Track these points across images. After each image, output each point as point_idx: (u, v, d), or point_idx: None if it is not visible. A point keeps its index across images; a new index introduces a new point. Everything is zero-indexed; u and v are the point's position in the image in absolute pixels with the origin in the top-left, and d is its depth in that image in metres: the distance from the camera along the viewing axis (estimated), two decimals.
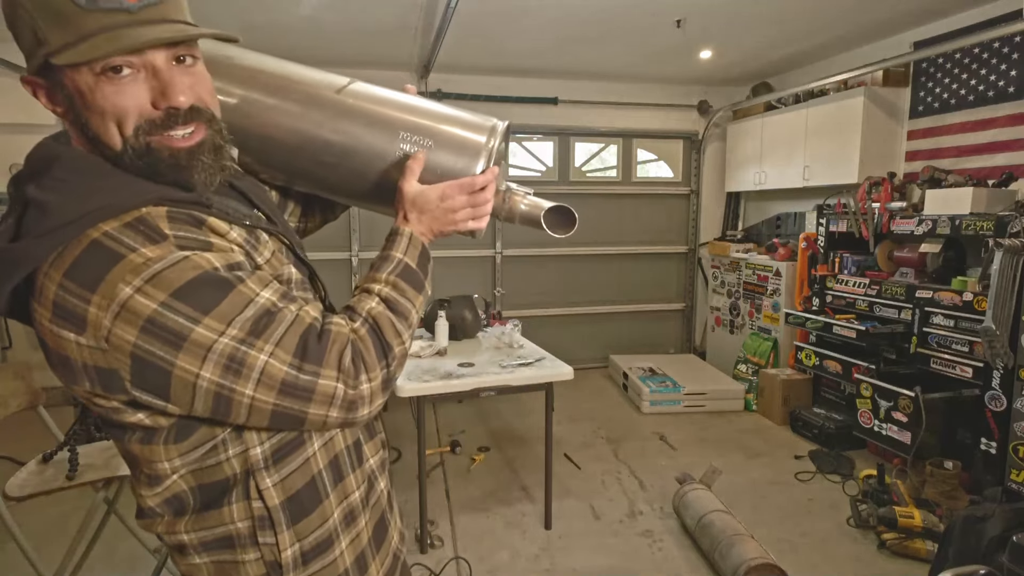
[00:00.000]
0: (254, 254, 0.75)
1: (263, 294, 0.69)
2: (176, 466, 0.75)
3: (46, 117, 4.37)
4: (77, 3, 0.61)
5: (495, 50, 4.27)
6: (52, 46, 0.63)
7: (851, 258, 3.84)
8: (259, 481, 0.76)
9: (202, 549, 0.79)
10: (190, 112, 0.69)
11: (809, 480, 3.23)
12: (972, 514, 2.18)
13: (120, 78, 0.64)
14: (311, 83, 0.91)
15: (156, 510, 0.78)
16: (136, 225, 0.65)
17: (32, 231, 0.64)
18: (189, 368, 0.65)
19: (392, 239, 0.86)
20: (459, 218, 0.89)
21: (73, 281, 0.63)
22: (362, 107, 0.90)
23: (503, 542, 2.64)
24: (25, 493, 1.87)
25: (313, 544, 0.80)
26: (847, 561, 2.50)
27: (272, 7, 3.39)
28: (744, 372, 4.58)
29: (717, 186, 5.64)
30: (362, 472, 0.88)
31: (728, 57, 4.49)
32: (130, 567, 2.39)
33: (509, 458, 3.52)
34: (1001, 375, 2.73)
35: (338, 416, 0.72)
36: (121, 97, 0.65)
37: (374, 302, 0.79)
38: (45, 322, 0.65)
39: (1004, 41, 3.26)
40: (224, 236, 0.71)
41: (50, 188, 0.66)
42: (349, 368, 0.71)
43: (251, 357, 0.66)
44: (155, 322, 0.63)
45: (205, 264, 0.66)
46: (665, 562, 2.50)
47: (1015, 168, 3.22)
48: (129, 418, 0.71)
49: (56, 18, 0.62)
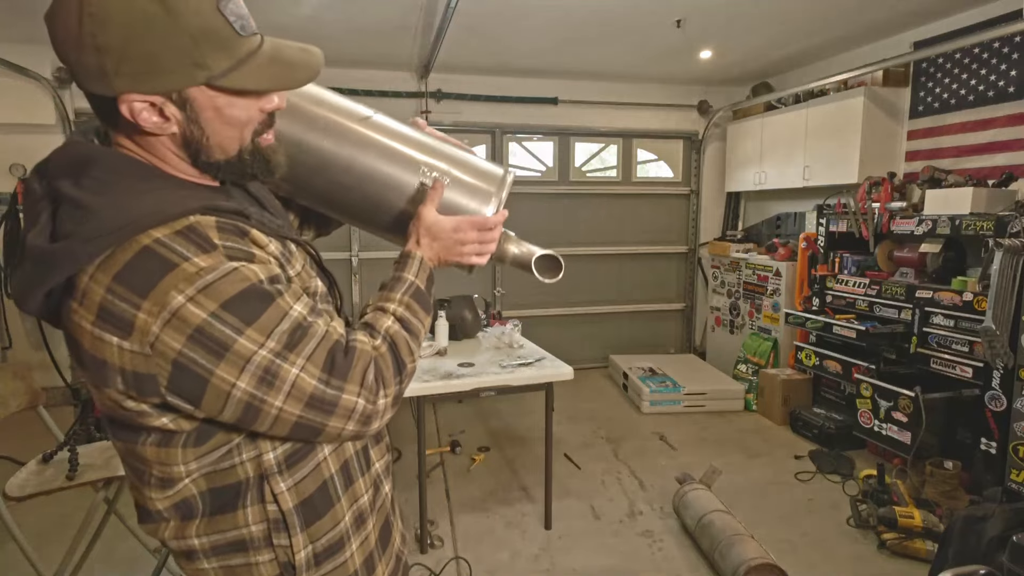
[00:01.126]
0: (287, 267, 0.77)
1: (296, 307, 0.72)
2: (191, 469, 0.76)
3: (46, 117, 4.36)
4: (236, 30, 0.67)
5: (495, 50, 4.27)
6: (215, 70, 0.67)
7: (851, 258, 3.84)
8: (273, 485, 0.78)
9: (212, 554, 0.80)
10: (273, 115, 0.77)
11: (809, 480, 3.23)
12: (972, 514, 2.18)
13: (255, 94, 0.72)
14: (339, 108, 0.95)
15: (164, 514, 0.79)
16: (187, 234, 0.66)
17: (76, 233, 0.64)
18: (227, 378, 0.67)
19: (404, 261, 0.91)
20: (466, 251, 0.95)
21: (123, 286, 0.64)
22: (386, 139, 0.96)
23: (503, 542, 2.64)
24: (25, 493, 1.87)
25: (326, 546, 0.82)
26: (847, 561, 2.50)
27: (272, 7, 3.39)
28: (744, 372, 4.58)
29: (717, 186, 5.64)
30: (369, 476, 0.91)
31: (728, 57, 4.49)
32: (130, 567, 2.39)
33: (509, 458, 3.52)
34: (1001, 375, 2.73)
35: (353, 429, 0.75)
36: (250, 108, 0.73)
37: (390, 321, 0.83)
38: (86, 324, 0.65)
39: (1004, 41, 3.26)
40: (264, 248, 0.74)
41: (90, 188, 0.67)
42: (372, 384, 0.75)
43: (284, 370, 0.69)
44: (203, 331, 0.65)
45: (252, 276, 0.68)
46: (665, 562, 2.51)
47: (1015, 168, 3.22)
48: (154, 422, 0.72)
49: (221, 44, 0.67)
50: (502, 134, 5.20)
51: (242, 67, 0.68)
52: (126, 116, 0.67)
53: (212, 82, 0.68)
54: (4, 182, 4.19)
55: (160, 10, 0.63)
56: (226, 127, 0.72)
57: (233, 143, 0.74)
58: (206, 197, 0.72)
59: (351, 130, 0.93)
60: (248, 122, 0.73)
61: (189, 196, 0.71)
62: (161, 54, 0.65)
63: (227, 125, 0.72)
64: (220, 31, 0.66)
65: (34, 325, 4.27)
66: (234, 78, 0.68)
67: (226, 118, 0.71)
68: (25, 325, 4.38)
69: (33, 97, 4.18)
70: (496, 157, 5.20)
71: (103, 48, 0.63)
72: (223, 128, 0.72)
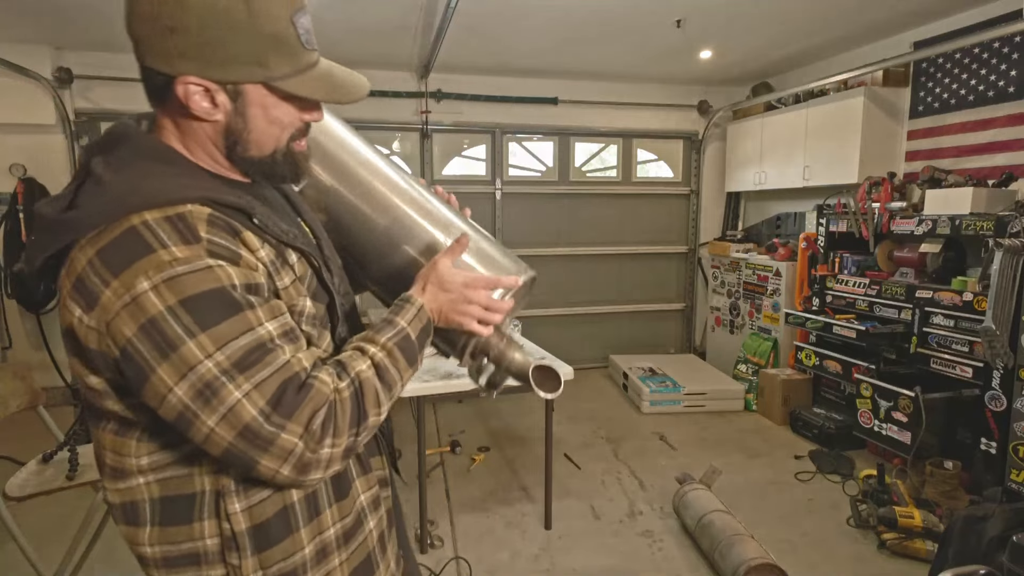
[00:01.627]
0: (275, 278, 0.75)
1: (267, 325, 0.69)
2: (143, 466, 0.74)
3: (46, 117, 4.36)
4: (301, 42, 0.73)
5: (495, 50, 4.27)
6: (275, 72, 0.72)
7: (851, 258, 3.84)
8: (228, 504, 0.75)
9: (163, 565, 0.77)
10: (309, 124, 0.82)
11: (809, 480, 3.23)
12: (972, 514, 2.18)
13: (302, 102, 0.77)
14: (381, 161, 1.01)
15: (116, 510, 0.78)
16: (175, 221, 0.66)
17: (84, 205, 0.68)
18: (166, 380, 0.65)
19: (402, 306, 0.85)
20: (471, 311, 0.88)
21: (102, 261, 0.65)
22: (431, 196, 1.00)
23: (503, 542, 2.64)
24: (25, 493, 1.87)
25: (277, 574, 0.78)
26: (847, 561, 2.50)
27: None
28: (744, 372, 4.58)
29: (717, 186, 5.64)
30: (343, 508, 0.85)
31: (728, 57, 4.49)
32: (130, 567, 2.38)
33: (509, 458, 3.52)
34: (1001, 375, 2.73)
35: (288, 475, 0.69)
36: (291, 113, 0.77)
37: (365, 365, 0.77)
38: (65, 292, 0.67)
39: (1004, 41, 3.26)
40: (254, 252, 0.72)
41: (111, 166, 0.70)
42: (316, 430, 0.69)
43: (226, 391, 0.65)
44: (156, 324, 0.64)
45: (225, 279, 0.67)
46: (665, 562, 2.50)
47: (1015, 168, 3.22)
48: (111, 405, 0.72)
49: (286, 51, 0.72)
50: (502, 134, 5.20)
51: (298, 76, 0.74)
52: (179, 97, 0.70)
53: (269, 82, 0.73)
54: (4, 182, 4.19)
55: (243, 8, 0.68)
56: (269, 126, 0.76)
57: (270, 142, 0.77)
58: (211, 188, 0.72)
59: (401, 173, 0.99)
60: (288, 126, 0.78)
61: (195, 185, 0.71)
62: (231, 47, 0.69)
63: (270, 124, 0.76)
64: (288, 39, 0.72)
65: (34, 325, 4.27)
66: (289, 84, 0.73)
67: (271, 118, 0.76)
68: (25, 325, 4.38)
69: (33, 97, 4.18)
70: (496, 157, 5.20)
71: (177, 28, 0.67)
72: (266, 126, 0.76)
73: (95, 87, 4.35)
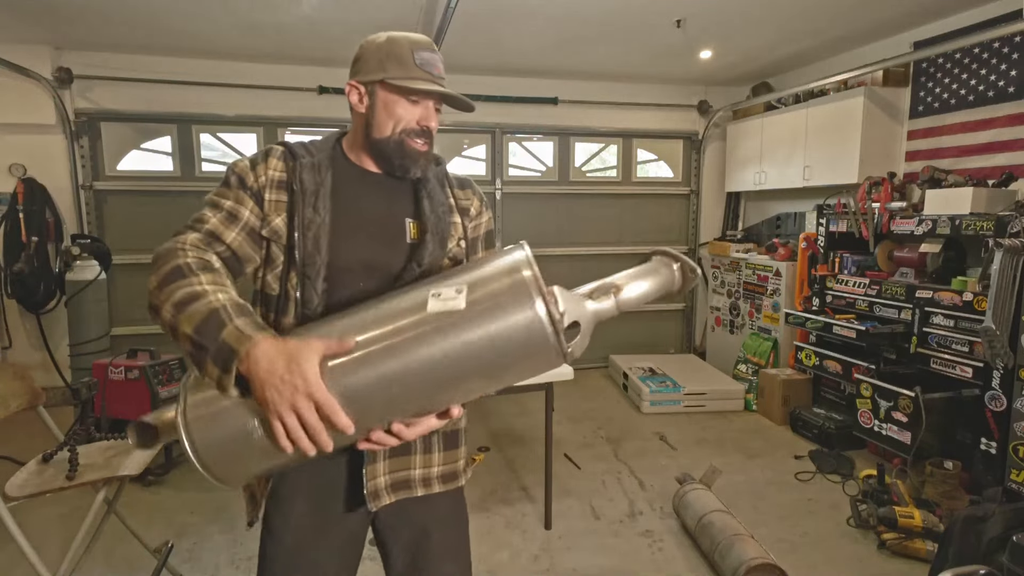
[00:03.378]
0: (267, 189, 1.08)
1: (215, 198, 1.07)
2: None
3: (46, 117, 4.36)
4: (415, 62, 1.07)
5: (495, 50, 4.27)
6: (390, 74, 1.07)
7: (851, 258, 3.84)
8: None
9: None
10: (430, 133, 1.12)
11: (809, 480, 3.23)
12: (972, 514, 2.18)
13: (410, 103, 1.09)
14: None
15: None
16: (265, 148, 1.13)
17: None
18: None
19: (248, 332, 0.84)
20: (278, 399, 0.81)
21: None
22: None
23: (503, 542, 2.64)
24: (25, 493, 1.87)
25: None
26: (847, 561, 2.50)
27: (272, 7, 3.39)
28: (744, 372, 4.58)
29: (717, 186, 5.64)
30: None
31: (728, 57, 4.49)
32: (130, 567, 2.39)
33: (509, 458, 3.52)
34: (1001, 375, 2.73)
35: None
36: (406, 112, 1.09)
37: (199, 285, 0.90)
38: None
39: (1004, 41, 3.26)
40: (267, 168, 1.09)
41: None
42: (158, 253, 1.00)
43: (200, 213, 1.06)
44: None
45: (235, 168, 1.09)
46: (665, 562, 2.50)
47: (1015, 168, 3.22)
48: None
49: (400, 63, 1.07)
50: (502, 134, 5.20)
51: (407, 80, 1.06)
52: (347, 94, 1.13)
53: (386, 80, 1.07)
54: (4, 182, 4.19)
55: (385, 43, 1.10)
56: (386, 117, 1.09)
57: (386, 129, 1.09)
58: (300, 144, 1.13)
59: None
60: (400, 120, 1.09)
61: (305, 142, 1.14)
62: (371, 62, 1.09)
63: (387, 116, 1.09)
64: (405, 58, 1.07)
65: (34, 325, 4.27)
66: (398, 81, 1.07)
67: (388, 111, 1.09)
68: (25, 325, 4.38)
69: (33, 97, 4.18)
70: (496, 157, 5.20)
71: (356, 58, 1.13)
72: (384, 116, 1.09)
73: (95, 87, 4.35)
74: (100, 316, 4.07)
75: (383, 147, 1.10)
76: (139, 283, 4.55)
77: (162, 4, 3.34)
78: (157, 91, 4.42)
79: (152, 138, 4.67)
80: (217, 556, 2.49)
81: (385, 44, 1.09)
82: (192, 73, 4.44)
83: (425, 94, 1.08)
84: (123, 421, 3.19)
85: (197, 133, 4.69)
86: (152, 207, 4.59)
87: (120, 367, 3.19)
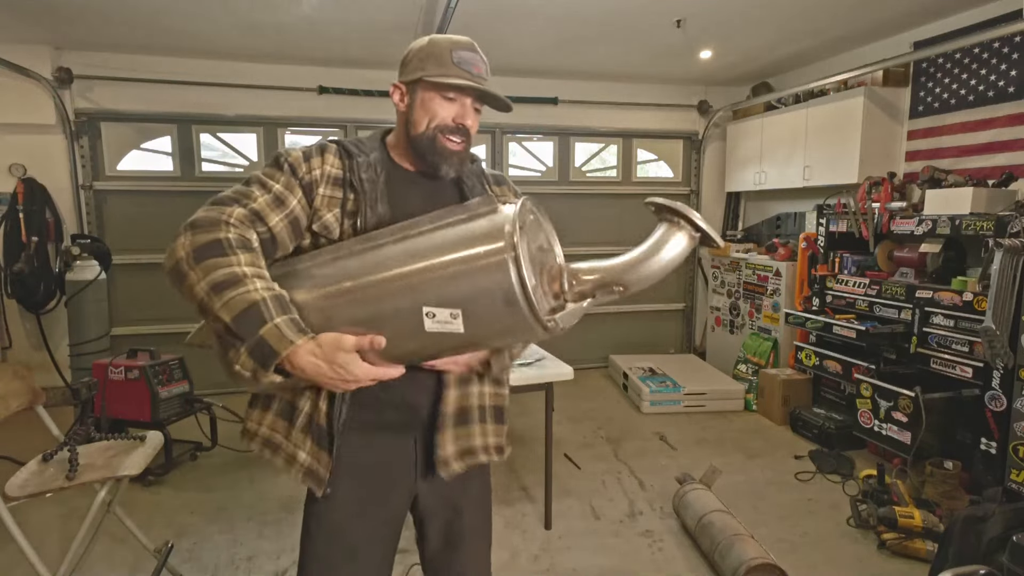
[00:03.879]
0: (319, 183, 1.10)
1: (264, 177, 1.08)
2: None
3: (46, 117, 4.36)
4: (453, 60, 1.10)
5: (495, 50, 4.26)
6: (428, 71, 1.11)
7: (851, 258, 3.84)
8: None
9: None
10: (466, 131, 1.15)
11: (809, 480, 3.23)
12: (972, 514, 2.18)
13: (446, 100, 1.12)
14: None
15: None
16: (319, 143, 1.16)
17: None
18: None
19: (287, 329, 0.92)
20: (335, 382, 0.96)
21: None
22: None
23: (503, 542, 2.64)
24: (25, 493, 1.87)
25: None
26: (847, 561, 2.50)
27: (272, 7, 3.39)
28: (744, 372, 4.58)
29: (717, 186, 5.64)
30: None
31: (728, 57, 4.49)
32: (130, 567, 2.39)
33: (509, 458, 3.49)
34: (1001, 375, 2.73)
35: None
36: (441, 109, 1.12)
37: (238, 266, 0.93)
38: None
39: (1004, 41, 3.26)
40: (322, 163, 1.11)
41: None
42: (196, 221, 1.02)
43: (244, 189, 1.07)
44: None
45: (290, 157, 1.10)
46: (665, 562, 2.50)
47: (1015, 168, 3.22)
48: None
49: (439, 61, 1.11)
50: (502, 134, 5.20)
51: (443, 77, 1.09)
52: (391, 95, 1.18)
53: (425, 78, 1.11)
54: (4, 182, 4.19)
55: (427, 45, 1.13)
56: (422, 112, 1.12)
57: (422, 125, 1.12)
58: (352, 141, 1.16)
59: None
60: (435, 116, 1.12)
61: (357, 141, 1.17)
62: (413, 62, 1.14)
63: (424, 112, 1.12)
64: (443, 57, 1.11)
65: (34, 325, 4.27)
66: (436, 78, 1.10)
67: (425, 107, 1.12)
68: (25, 325, 4.38)
69: (33, 97, 4.18)
70: (496, 157, 5.20)
71: (402, 60, 1.17)
72: (421, 113, 1.13)
73: (95, 87, 4.35)
74: (100, 316, 4.07)
75: (418, 143, 1.13)
76: (139, 283, 4.56)
77: (162, 4, 3.34)
78: (157, 91, 4.42)
79: (152, 138, 4.67)
80: (217, 556, 2.49)
81: (427, 45, 1.13)
82: (192, 73, 4.44)
83: (458, 89, 1.11)
84: (123, 421, 3.20)
85: (197, 133, 4.69)
86: (152, 207, 4.59)
87: (120, 367, 3.20)
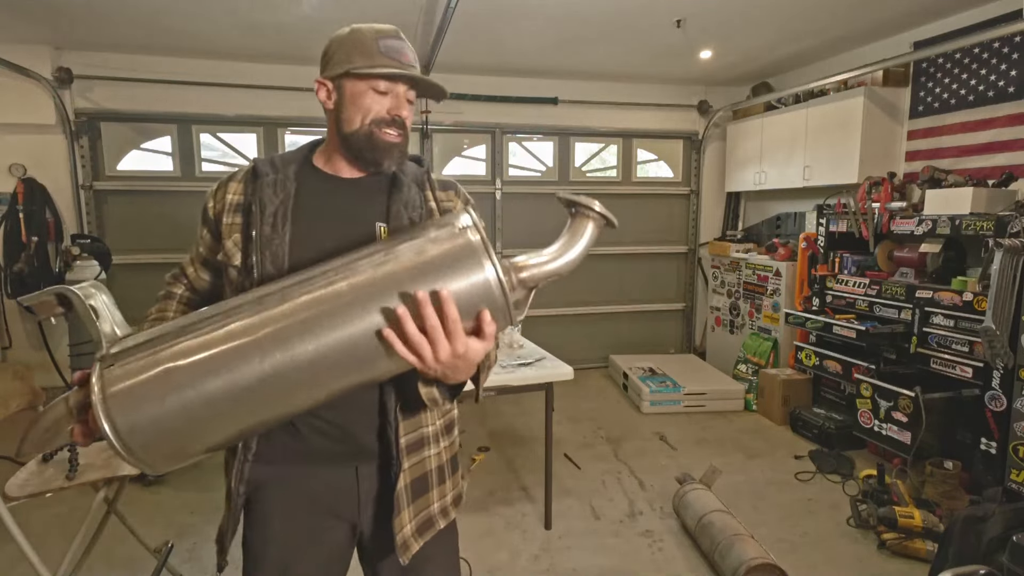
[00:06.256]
0: (220, 216, 1.09)
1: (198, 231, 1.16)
2: None
3: (46, 117, 4.36)
4: (379, 50, 1.04)
5: (495, 50, 4.27)
6: (355, 64, 1.03)
7: (851, 258, 3.84)
8: None
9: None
10: (402, 123, 1.08)
11: (809, 480, 3.23)
12: (972, 514, 2.18)
13: (378, 92, 1.05)
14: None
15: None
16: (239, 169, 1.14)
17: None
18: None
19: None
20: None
21: None
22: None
23: (503, 542, 2.64)
24: (25, 493, 1.87)
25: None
26: (847, 561, 2.50)
27: (272, 7, 3.39)
28: (744, 372, 4.58)
29: (717, 186, 5.64)
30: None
31: (728, 57, 4.49)
32: (130, 567, 2.39)
33: (509, 458, 3.52)
34: (1001, 375, 2.73)
35: None
36: (374, 103, 1.05)
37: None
38: None
39: (1004, 41, 3.26)
40: (226, 192, 1.10)
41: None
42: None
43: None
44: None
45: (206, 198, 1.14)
46: (665, 562, 2.50)
47: (1015, 168, 3.22)
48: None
49: (365, 52, 1.04)
50: (502, 134, 5.20)
51: (372, 67, 1.03)
52: (316, 92, 1.09)
53: (351, 71, 1.03)
54: (4, 182, 4.19)
55: (348, 36, 1.07)
56: (354, 108, 1.05)
57: (355, 121, 1.05)
58: (267, 160, 1.11)
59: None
60: (369, 111, 1.04)
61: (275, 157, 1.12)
62: (337, 55, 1.06)
63: (355, 107, 1.05)
64: (369, 47, 1.04)
65: (34, 325, 4.27)
66: (363, 70, 1.02)
67: (356, 103, 1.05)
68: (25, 325, 4.38)
69: (33, 97, 4.18)
70: (496, 157, 5.20)
71: (323, 54, 1.10)
72: (352, 108, 1.05)
73: (95, 87, 4.35)
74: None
75: (353, 141, 1.05)
76: (139, 283, 4.55)
77: (162, 4, 3.34)
78: (157, 91, 4.42)
79: (152, 138, 4.67)
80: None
81: (349, 36, 1.06)
82: (192, 73, 4.44)
83: (390, 78, 1.04)
84: None
85: (197, 133, 4.69)
86: (152, 207, 4.59)
87: None
